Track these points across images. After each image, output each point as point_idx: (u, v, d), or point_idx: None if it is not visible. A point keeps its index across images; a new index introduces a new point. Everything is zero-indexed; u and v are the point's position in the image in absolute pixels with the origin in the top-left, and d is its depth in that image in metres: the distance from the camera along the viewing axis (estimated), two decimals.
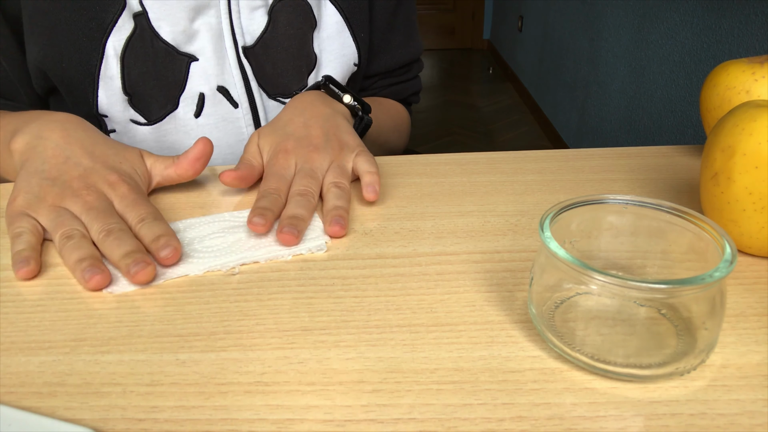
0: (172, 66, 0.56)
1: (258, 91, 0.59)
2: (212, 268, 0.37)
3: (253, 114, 0.60)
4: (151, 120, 0.57)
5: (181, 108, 0.57)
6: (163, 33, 0.54)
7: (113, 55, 0.54)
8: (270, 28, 0.58)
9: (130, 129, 0.57)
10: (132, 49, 0.54)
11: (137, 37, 0.54)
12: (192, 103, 0.57)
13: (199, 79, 0.57)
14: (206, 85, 0.57)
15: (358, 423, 0.26)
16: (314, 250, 0.39)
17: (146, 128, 0.57)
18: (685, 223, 0.31)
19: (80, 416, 0.27)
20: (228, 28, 0.56)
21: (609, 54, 2.06)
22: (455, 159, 0.53)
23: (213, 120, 0.59)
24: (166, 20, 0.54)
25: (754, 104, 0.36)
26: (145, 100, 0.56)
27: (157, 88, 0.56)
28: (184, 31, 0.55)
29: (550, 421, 0.26)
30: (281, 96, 0.61)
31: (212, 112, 0.58)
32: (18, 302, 0.35)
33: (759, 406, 0.27)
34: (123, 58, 0.54)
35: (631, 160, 0.52)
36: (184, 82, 0.56)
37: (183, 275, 0.37)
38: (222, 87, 0.58)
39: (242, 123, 0.60)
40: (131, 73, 0.55)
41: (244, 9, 0.57)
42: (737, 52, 1.35)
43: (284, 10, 0.58)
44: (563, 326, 0.30)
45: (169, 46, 0.55)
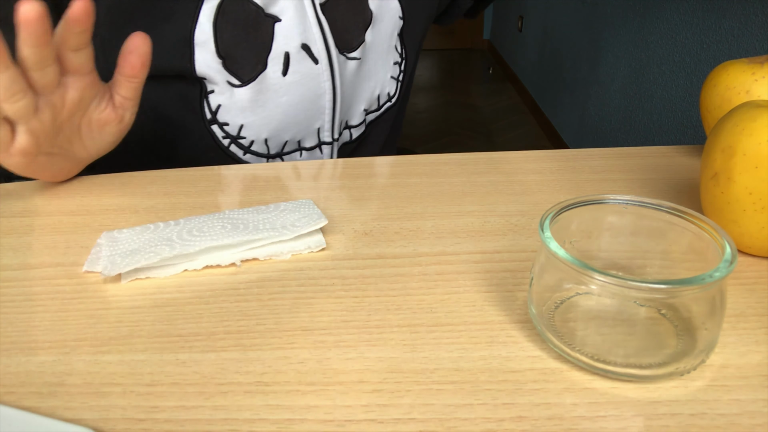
0: (259, 28, 0.58)
1: (333, 46, 0.62)
2: (212, 263, 0.37)
3: (330, 69, 0.62)
4: (244, 81, 0.59)
5: (270, 68, 0.60)
6: None
7: (206, 21, 0.56)
8: None
9: (226, 90, 0.60)
10: (223, 14, 0.56)
11: (228, 2, 0.56)
12: (279, 62, 0.60)
13: (283, 39, 0.59)
14: (290, 44, 0.60)
15: (358, 423, 0.26)
16: (314, 248, 0.39)
17: (242, 89, 0.60)
18: (685, 223, 0.31)
19: (80, 416, 0.27)
20: None
21: (609, 54, 2.06)
22: (455, 159, 0.53)
23: (298, 77, 0.61)
24: None
25: (754, 104, 0.36)
26: (238, 62, 0.58)
27: (248, 49, 0.58)
28: None
29: (550, 421, 0.26)
30: (346, 50, 0.63)
31: (297, 70, 0.61)
32: (18, 302, 0.35)
33: (759, 406, 0.27)
34: (215, 23, 0.56)
35: (631, 160, 0.52)
36: (270, 43, 0.59)
37: (182, 270, 0.37)
38: (305, 44, 0.60)
39: (322, 78, 0.62)
40: (224, 36, 0.57)
41: None
42: (737, 52, 1.35)
43: None
44: (563, 326, 0.30)
45: (257, 7, 0.57)
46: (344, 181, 0.50)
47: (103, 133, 0.50)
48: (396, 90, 0.72)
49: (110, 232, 0.40)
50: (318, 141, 0.66)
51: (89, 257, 0.38)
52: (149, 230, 0.39)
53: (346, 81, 0.64)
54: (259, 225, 0.40)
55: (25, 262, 0.39)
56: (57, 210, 0.46)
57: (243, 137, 0.62)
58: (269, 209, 0.42)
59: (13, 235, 0.42)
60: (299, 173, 0.52)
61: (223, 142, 0.62)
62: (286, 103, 0.61)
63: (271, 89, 0.61)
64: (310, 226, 0.40)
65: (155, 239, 0.38)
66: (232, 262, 0.38)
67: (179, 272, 0.37)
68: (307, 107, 0.63)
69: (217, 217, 0.41)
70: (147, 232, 0.39)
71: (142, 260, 0.36)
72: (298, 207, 0.42)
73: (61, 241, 0.41)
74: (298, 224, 0.40)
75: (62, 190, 0.49)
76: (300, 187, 0.49)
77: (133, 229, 0.40)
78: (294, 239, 0.40)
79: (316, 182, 0.50)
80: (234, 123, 0.61)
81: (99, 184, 0.50)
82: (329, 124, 0.65)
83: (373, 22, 0.64)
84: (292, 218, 0.41)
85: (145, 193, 0.48)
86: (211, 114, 0.61)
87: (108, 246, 0.38)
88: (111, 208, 0.46)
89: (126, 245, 0.38)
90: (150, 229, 0.40)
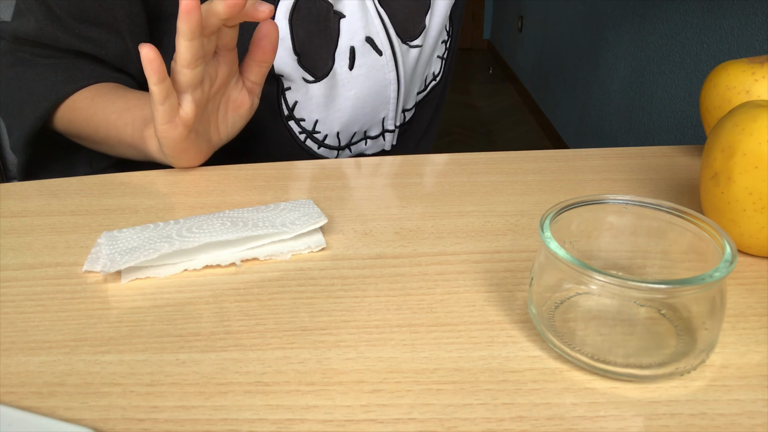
0: (328, 24, 0.59)
1: (395, 37, 0.63)
2: (211, 262, 0.37)
3: (394, 60, 0.64)
4: (318, 77, 0.61)
5: (337, 63, 0.61)
6: None
7: (282, 18, 0.57)
8: None
9: (302, 86, 0.61)
10: (298, 12, 0.58)
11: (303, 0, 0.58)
12: (345, 57, 0.61)
13: (348, 34, 0.60)
14: (355, 38, 0.61)
15: (358, 423, 0.26)
16: (314, 248, 0.39)
17: (316, 85, 0.61)
18: (685, 223, 0.31)
19: (80, 416, 0.27)
20: None
21: (609, 54, 2.06)
22: (455, 159, 0.53)
23: (364, 70, 0.62)
24: None
25: (754, 104, 0.36)
26: (312, 58, 0.60)
27: (320, 46, 0.60)
28: None
29: (550, 421, 0.26)
30: (408, 39, 0.64)
31: (362, 63, 0.62)
32: (18, 302, 0.35)
33: (759, 406, 0.27)
34: (291, 20, 0.57)
35: (631, 160, 0.52)
36: (337, 39, 0.60)
37: (182, 270, 0.37)
38: (369, 38, 0.61)
39: (386, 69, 0.63)
40: (299, 33, 0.58)
41: None
42: (737, 52, 1.35)
43: None
44: (563, 326, 0.30)
45: (328, 5, 0.58)
46: (344, 181, 0.50)
47: (235, 116, 0.52)
48: (440, 68, 0.73)
49: (110, 231, 0.40)
50: (382, 129, 0.68)
51: (89, 257, 0.38)
52: (149, 229, 0.39)
53: (408, 69, 0.66)
54: (258, 222, 0.40)
55: (25, 262, 0.39)
56: (57, 210, 0.46)
57: (318, 131, 0.64)
58: (269, 208, 0.42)
59: (13, 235, 0.42)
60: (299, 173, 0.52)
61: (299, 137, 0.64)
62: (354, 96, 0.63)
63: (340, 84, 0.62)
64: (309, 225, 0.39)
65: (155, 237, 0.38)
66: (232, 262, 0.38)
67: (179, 272, 0.37)
68: (374, 98, 0.64)
69: (216, 215, 0.41)
70: (147, 231, 0.39)
71: (141, 257, 0.36)
72: (297, 206, 0.42)
73: (61, 241, 0.41)
74: (297, 223, 0.40)
75: (62, 190, 0.49)
76: (300, 187, 0.49)
77: (133, 229, 0.40)
78: (294, 239, 0.40)
79: (316, 182, 0.50)
80: (310, 118, 0.63)
81: (99, 184, 0.50)
82: (393, 113, 0.67)
83: (432, 5, 0.65)
84: (292, 217, 0.41)
85: (145, 193, 0.48)
86: (288, 110, 0.63)
87: (108, 245, 0.38)
88: (111, 208, 0.46)
89: (126, 243, 0.38)
90: (150, 228, 0.40)
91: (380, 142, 0.69)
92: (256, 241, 0.39)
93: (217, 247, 0.38)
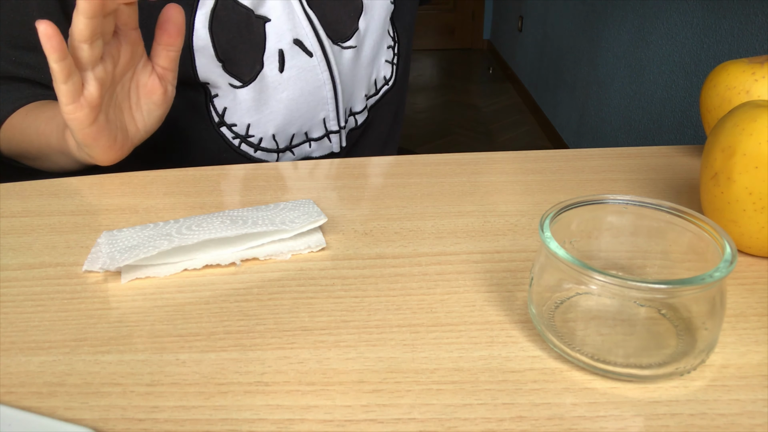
0: (251, 29, 0.59)
1: (326, 38, 0.63)
2: (211, 262, 0.37)
3: (326, 61, 0.64)
4: (245, 82, 0.61)
5: (267, 66, 0.61)
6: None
7: (202, 27, 0.57)
8: None
9: (230, 92, 0.61)
10: (217, 19, 0.57)
11: (220, 8, 0.57)
12: (274, 60, 0.61)
13: (275, 37, 0.60)
14: (283, 41, 0.61)
15: (358, 423, 0.26)
16: (314, 248, 0.39)
17: (244, 90, 0.61)
18: (685, 223, 0.31)
19: (80, 416, 0.27)
20: None
21: (609, 54, 2.06)
22: (455, 159, 0.53)
23: (295, 72, 0.62)
24: None
25: (754, 104, 0.36)
26: (237, 63, 0.60)
27: (244, 51, 0.60)
28: None
29: (550, 421, 0.26)
30: (340, 41, 0.64)
31: (293, 65, 0.62)
32: (18, 302, 0.35)
33: (759, 406, 0.27)
34: (211, 28, 0.57)
35: (631, 160, 0.52)
36: (264, 43, 0.60)
37: (182, 270, 0.37)
38: (297, 39, 0.61)
39: (318, 70, 0.63)
40: (220, 40, 0.58)
41: None
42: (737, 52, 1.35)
43: None
44: (563, 326, 0.30)
45: (248, 10, 0.58)
46: (344, 181, 0.50)
47: (149, 103, 0.52)
48: (392, 73, 0.73)
49: (110, 231, 0.40)
50: (325, 131, 0.67)
51: (89, 257, 0.38)
52: (149, 228, 0.40)
53: (345, 69, 0.65)
54: (258, 221, 0.40)
55: (25, 262, 0.39)
56: (57, 210, 0.46)
57: (251, 135, 0.64)
58: (269, 208, 0.42)
59: (13, 235, 0.42)
60: (299, 173, 0.52)
61: (233, 142, 0.64)
62: (287, 98, 0.63)
63: (271, 86, 0.62)
64: (309, 224, 0.40)
65: (154, 235, 0.38)
66: (232, 261, 0.38)
67: (179, 271, 0.37)
68: (309, 99, 0.64)
69: (216, 215, 0.41)
70: (146, 230, 0.39)
71: (141, 254, 0.36)
72: (297, 206, 0.42)
73: (61, 241, 0.41)
74: (297, 221, 0.40)
75: (62, 190, 0.49)
76: (300, 187, 0.49)
77: (133, 228, 0.40)
78: (294, 238, 0.40)
79: (316, 182, 0.50)
80: (241, 123, 0.63)
81: (99, 184, 0.50)
82: (333, 113, 0.66)
83: (365, 9, 0.65)
84: (292, 216, 0.41)
85: (145, 193, 0.48)
86: (219, 117, 0.63)
87: (107, 244, 0.38)
88: (111, 208, 0.46)
89: (125, 242, 0.38)
90: (149, 227, 0.40)
91: (326, 144, 0.68)
92: (256, 239, 0.39)
93: (216, 246, 0.38)
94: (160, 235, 0.38)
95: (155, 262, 0.37)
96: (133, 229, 0.40)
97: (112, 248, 0.37)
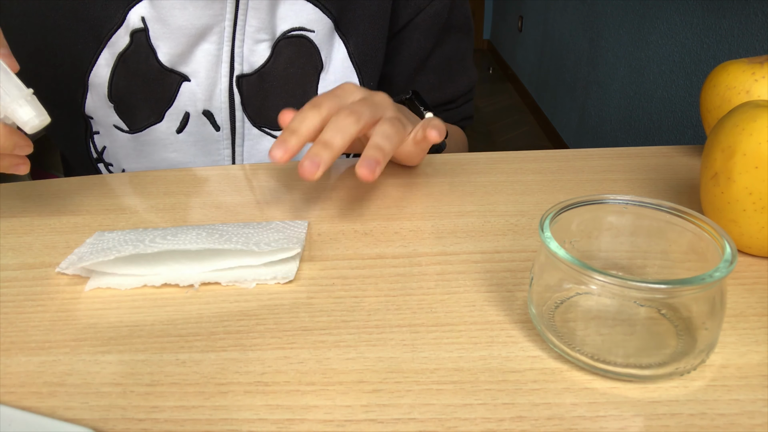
0: (162, 82, 0.56)
1: (242, 118, 0.59)
2: (170, 281, 0.35)
3: (232, 138, 0.60)
4: (132, 129, 0.58)
5: (165, 122, 0.58)
6: (161, 53, 0.54)
7: (105, 65, 0.54)
8: (271, 62, 0.58)
9: (112, 133, 0.58)
10: (125, 63, 0.54)
11: (131, 53, 0.54)
12: (176, 119, 0.58)
13: (187, 99, 0.57)
14: (193, 107, 0.58)
15: (358, 423, 0.26)
16: (280, 280, 0.36)
17: (127, 135, 0.58)
18: (685, 223, 0.31)
19: (80, 416, 0.27)
20: (228, 55, 0.56)
21: (609, 54, 2.06)
22: (455, 159, 0.53)
23: (193, 138, 0.59)
24: (166, 41, 0.54)
25: (754, 104, 0.36)
26: (131, 109, 0.57)
27: (144, 100, 0.56)
28: (182, 53, 0.55)
29: (550, 421, 0.26)
30: (267, 127, 0.61)
31: (194, 131, 0.59)
32: (18, 302, 0.35)
33: (759, 406, 0.27)
34: (114, 70, 0.54)
35: (631, 160, 0.52)
36: (172, 99, 0.57)
37: (142, 285, 0.36)
38: (207, 111, 0.58)
39: (221, 145, 0.60)
40: (119, 83, 0.55)
41: (248, 40, 0.57)
42: (737, 52, 1.35)
43: (289, 47, 0.58)
44: (563, 326, 0.30)
45: (162, 66, 0.55)
46: (345, 180, 0.50)
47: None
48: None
49: (102, 232, 0.40)
50: None
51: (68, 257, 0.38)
52: (133, 232, 0.39)
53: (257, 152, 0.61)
54: (232, 237, 0.37)
55: (25, 262, 0.39)
56: (57, 210, 0.46)
57: None
58: (260, 225, 0.40)
59: (13, 235, 0.42)
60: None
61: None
62: (175, 159, 0.60)
63: (160, 143, 0.59)
64: (281, 252, 0.37)
65: (129, 239, 0.37)
66: (190, 283, 0.35)
67: (140, 286, 0.36)
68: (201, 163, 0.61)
69: (204, 227, 0.40)
70: (130, 234, 0.39)
71: (100, 257, 0.35)
72: (287, 227, 0.40)
73: (61, 241, 0.41)
74: (273, 245, 0.37)
75: (62, 190, 0.49)
76: (300, 187, 0.49)
77: (121, 232, 0.40)
78: (264, 266, 0.37)
79: (316, 182, 0.50)
80: (118, 165, 0.60)
81: (99, 184, 0.50)
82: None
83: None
84: (271, 238, 0.38)
85: (145, 193, 0.48)
86: (97, 154, 0.60)
87: (87, 245, 0.38)
88: (111, 208, 0.46)
89: (101, 245, 0.37)
90: (138, 231, 0.39)
91: None
92: (221, 258, 0.36)
93: (180, 259, 0.36)
94: (132, 240, 0.37)
95: (119, 271, 0.36)
96: (120, 233, 0.39)
97: (84, 249, 0.37)
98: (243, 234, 0.38)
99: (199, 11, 0.53)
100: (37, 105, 0.39)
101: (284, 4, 0.57)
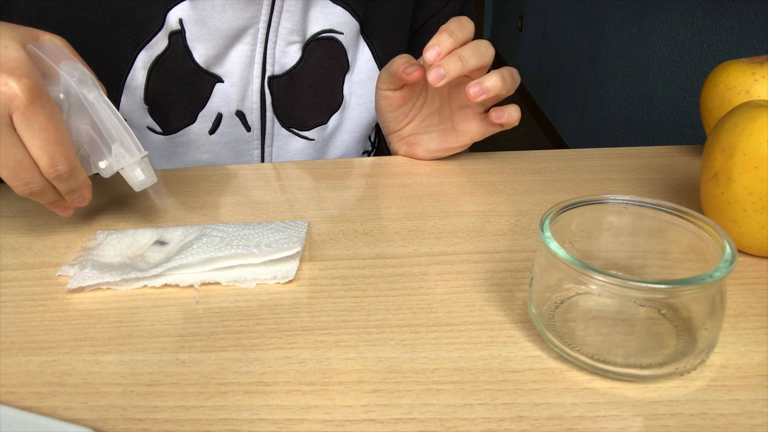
0: (197, 83, 0.57)
1: (272, 119, 0.61)
2: (171, 282, 0.36)
3: (262, 139, 0.61)
4: (166, 130, 0.58)
5: (198, 123, 0.59)
6: (196, 54, 0.55)
7: (141, 68, 0.55)
8: (301, 64, 0.59)
9: (145, 135, 0.59)
10: (161, 65, 0.55)
11: (169, 55, 0.55)
12: (209, 120, 0.59)
13: (220, 100, 0.58)
14: (226, 107, 0.58)
15: (358, 423, 0.26)
16: (280, 279, 0.36)
17: (160, 137, 0.59)
18: (685, 223, 0.31)
19: (80, 416, 0.27)
20: (260, 56, 0.57)
21: (609, 54, 2.06)
22: (455, 159, 0.53)
23: (225, 139, 0.60)
24: (202, 42, 0.55)
25: (754, 104, 0.36)
26: (165, 111, 0.57)
27: (178, 102, 0.57)
28: (217, 55, 0.56)
29: (550, 421, 0.26)
30: (295, 127, 0.62)
31: (226, 132, 0.60)
32: (18, 302, 0.35)
33: (759, 406, 0.27)
34: (150, 72, 0.55)
35: (631, 160, 0.52)
36: (205, 100, 0.58)
37: (141, 286, 0.36)
38: (240, 111, 0.59)
39: (251, 146, 0.61)
40: (155, 86, 0.56)
41: (281, 42, 0.57)
42: (737, 52, 1.35)
43: (318, 49, 0.59)
44: (563, 326, 0.30)
45: (198, 67, 0.56)
46: (345, 180, 0.50)
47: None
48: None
49: (103, 232, 0.40)
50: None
51: (70, 261, 0.38)
52: (133, 234, 0.40)
53: (286, 153, 0.63)
54: (233, 241, 0.37)
55: (25, 262, 0.39)
56: None
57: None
58: (260, 225, 0.40)
59: (13, 235, 0.42)
60: (300, 173, 0.52)
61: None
62: (206, 161, 0.61)
63: (193, 144, 0.59)
64: (281, 251, 0.37)
65: (132, 248, 0.38)
66: (191, 284, 0.36)
67: (139, 287, 0.36)
68: (232, 162, 0.61)
69: (202, 226, 0.40)
70: (130, 237, 0.39)
71: (106, 277, 0.35)
72: (287, 227, 0.40)
73: (61, 241, 0.41)
74: (273, 245, 0.37)
75: None
76: (300, 187, 0.49)
77: (121, 232, 0.40)
78: (263, 264, 0.37)
79: (316, 182, 0.50)
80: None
81: (99, 184, 0.50)
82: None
83: (343, 107, 0.62)
84: (271, 238, 0.38)
85: (145, 193, 0.48)
86: None
87: (91, 254, 0.38)
88: (111, 208, 0.46)
89: (103, 257, 0.38)
90: (138, 232, 0.39)
91: None
92: (222, 262, 0.36)
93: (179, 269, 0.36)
94: (132, 257, 0.38)
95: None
96: (122, 233, 0.40)
97: (88, 258, 0.37)
98: (243, 236, 0.38)
99: (238, 13, 0.54)
100: (149, 167, 0.41)
101: (316, 7, 0.58)
